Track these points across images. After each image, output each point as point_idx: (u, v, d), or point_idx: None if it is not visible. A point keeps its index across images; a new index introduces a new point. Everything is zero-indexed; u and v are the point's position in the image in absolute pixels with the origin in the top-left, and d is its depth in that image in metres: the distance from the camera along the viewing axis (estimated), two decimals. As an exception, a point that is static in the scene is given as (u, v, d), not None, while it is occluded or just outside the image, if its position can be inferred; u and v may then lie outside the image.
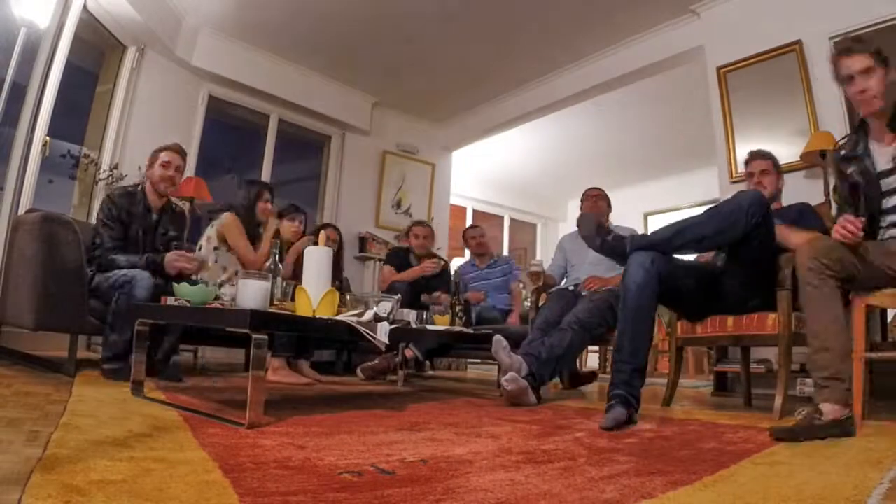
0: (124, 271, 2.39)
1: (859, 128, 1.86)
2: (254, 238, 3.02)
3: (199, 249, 2.95)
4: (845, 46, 1.76)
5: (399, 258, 3.99)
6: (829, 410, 1.51)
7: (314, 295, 1.77)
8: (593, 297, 2.77)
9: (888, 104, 1.70)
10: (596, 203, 3.28)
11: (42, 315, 2.29)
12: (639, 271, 1.88)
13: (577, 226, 2.10)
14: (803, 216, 2.30)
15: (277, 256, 2.01)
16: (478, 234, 4.15)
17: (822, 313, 1.61)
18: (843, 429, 1.49)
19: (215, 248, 2.90)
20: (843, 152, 1.90)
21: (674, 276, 1.99)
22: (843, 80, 1.75)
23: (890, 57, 1.70)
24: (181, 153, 2.75)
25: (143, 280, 2.31)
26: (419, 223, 4.13)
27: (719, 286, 2.17)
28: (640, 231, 7.29)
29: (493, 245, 5.50)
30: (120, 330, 2.26)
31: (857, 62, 1.69)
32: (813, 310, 1.64)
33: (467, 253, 4.41)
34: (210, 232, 2.97)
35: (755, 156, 2.47)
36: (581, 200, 3.39)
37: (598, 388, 3.63)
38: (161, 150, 2.72)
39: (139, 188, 2.69)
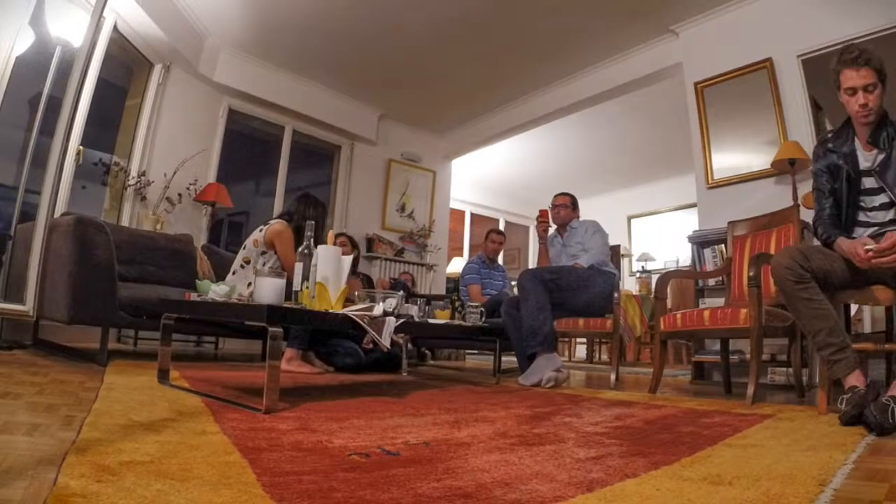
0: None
1: (847, 124, 1.77)
2: None
3: (244, 249, 2.85)
4: (854, 57, 1.62)
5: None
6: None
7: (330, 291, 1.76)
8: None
9: (876, 119, 1.67)
10: (559, 213, 3.30)
11: (76, 309, 2.29)
12: None
13: None
14: None
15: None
16: (503, 240, 4.44)
17: (813, 316, 1.59)
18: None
19: (262, 253, 2.77)
20: (830, 145, 1.81)
21: None
22: (845, 90, 1.66)
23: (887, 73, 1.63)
24: None
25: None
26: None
27: None
28: (621, 231, 7.23)
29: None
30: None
31: (863, 77, 1.61)
32: (804, 311, 1.60)
33: (466, 253, 4.42)
34: (258, 236, 2.82)
35: None
36: (550, 207, 3.37)
37: (585, 377, 3.63)
38: None
39: None
